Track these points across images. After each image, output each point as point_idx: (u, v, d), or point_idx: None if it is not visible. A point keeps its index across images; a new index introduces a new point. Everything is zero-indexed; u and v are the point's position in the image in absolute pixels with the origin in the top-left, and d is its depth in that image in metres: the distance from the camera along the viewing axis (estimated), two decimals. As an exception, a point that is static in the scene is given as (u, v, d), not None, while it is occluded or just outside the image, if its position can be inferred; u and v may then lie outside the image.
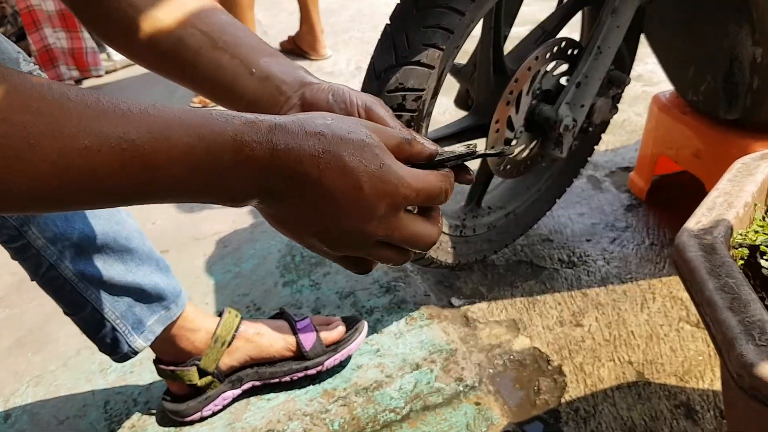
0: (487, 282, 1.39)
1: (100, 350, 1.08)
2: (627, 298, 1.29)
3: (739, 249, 0.67)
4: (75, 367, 1.36)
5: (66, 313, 1.05)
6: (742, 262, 0.66)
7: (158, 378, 1.29)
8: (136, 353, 1.08)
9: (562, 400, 1.09)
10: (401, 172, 0.50)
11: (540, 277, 1.39)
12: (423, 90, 0.98)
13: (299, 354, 1.18)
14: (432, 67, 0.97)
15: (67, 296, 1.01)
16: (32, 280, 1.00)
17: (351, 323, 1.23)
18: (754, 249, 0.66)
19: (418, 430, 1.07)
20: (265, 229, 1.72)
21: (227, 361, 1.15)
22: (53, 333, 1.45)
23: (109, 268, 1.02)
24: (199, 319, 1.14)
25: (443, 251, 1.25)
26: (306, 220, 0.50)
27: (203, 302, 1.47)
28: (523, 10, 1.25)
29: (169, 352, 1.13)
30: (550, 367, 1.16)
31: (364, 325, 1.23)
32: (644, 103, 2.16)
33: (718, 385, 1.06)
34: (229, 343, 1.14)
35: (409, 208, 0.53)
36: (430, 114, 1.04)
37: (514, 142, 1.19)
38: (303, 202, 0.49)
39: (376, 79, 0.99)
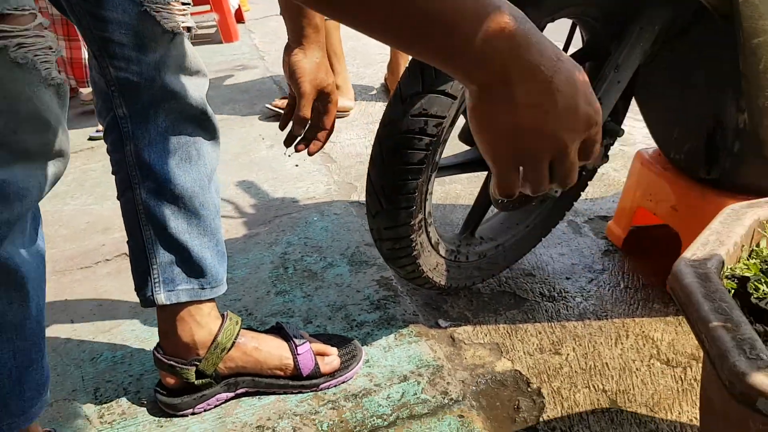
0: (472, 308, 1.47)
1: (134, 285, 1.13)
2: (602, 333, 1.38)
3: (730, 281, 0.76)
4: (64, 353, 1.38)
5: (127, 241, 1.11)
6: (731, 293, 0.75)
7: (148, 370, 1.32)
8: (154, 305, 1.12)
9: (540, 419, 1.16)
10: (599, 106, 0.58)
11: (522, 307, 1.47)
12: (444, 117, 1.07)
13: (295, 375, 1.21)
14: (455, 98, 1.06)
15: (130, 221, 1.08)
16: (117, 198, 1.09)
17: (348, 349, 1.27)
18: (742, 282, 0.75)
19: (405, 437, 1.12)
20: (258, 241, 1.77)
21: (223, 366, 1.17)
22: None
23: (172, 219, 1.07)
24: (210, 317, 1.16)
25: (438, 273, 1.32)
26: (516, 111, 0.54)
27: (195, 302, 1.50)
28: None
29: (168, 334, 1.15)
30: (529, 389, 1.23)
31: (362, 354, 1.28)
32: (621, 160, 2.29)
33: (685, 418, 1.15)
34: (228, 350, 1.16)
35: None
36: (446, 141, 1.12)
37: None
38: (526, 92, 0.53)
39: (401, 103, 1.07)
